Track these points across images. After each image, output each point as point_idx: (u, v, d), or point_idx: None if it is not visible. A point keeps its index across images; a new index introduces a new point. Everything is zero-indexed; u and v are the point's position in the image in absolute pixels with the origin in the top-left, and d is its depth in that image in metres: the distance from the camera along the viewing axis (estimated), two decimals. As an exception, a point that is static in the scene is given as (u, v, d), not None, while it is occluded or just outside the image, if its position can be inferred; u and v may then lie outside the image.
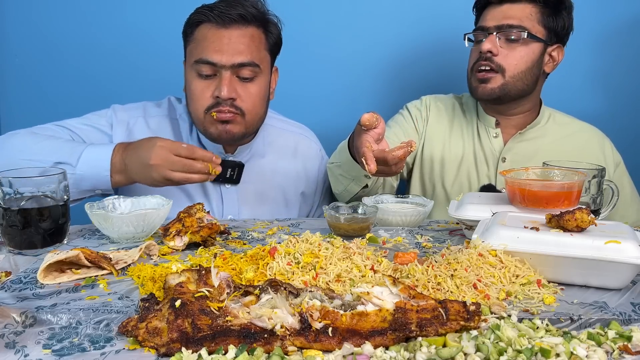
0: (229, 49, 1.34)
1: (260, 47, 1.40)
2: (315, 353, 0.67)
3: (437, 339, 0.68)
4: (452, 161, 1.65)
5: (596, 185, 1.17)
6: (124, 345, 0.70)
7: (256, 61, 1.38)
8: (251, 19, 1.37)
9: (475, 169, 1.63)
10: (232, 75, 1.36)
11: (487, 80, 1.52)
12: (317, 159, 1.65)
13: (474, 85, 1.56)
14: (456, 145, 1.65)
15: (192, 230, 1.08)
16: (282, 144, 1.61)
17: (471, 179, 1.63)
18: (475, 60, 1.54)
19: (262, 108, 1.45)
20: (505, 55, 1.50)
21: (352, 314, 0.71)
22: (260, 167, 1.56)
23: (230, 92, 1.35)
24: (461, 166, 1.64)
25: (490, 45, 1.50)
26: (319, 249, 0.92)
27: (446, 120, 1.68)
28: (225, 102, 1.36)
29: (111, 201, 1.21)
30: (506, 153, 1.61)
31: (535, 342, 0.66)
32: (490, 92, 1.52)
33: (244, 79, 1.38)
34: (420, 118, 1.69)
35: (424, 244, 1.13)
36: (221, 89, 1.34)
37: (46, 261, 0.90)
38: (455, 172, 1.64)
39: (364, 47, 2.05)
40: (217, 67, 1.35)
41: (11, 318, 0.75)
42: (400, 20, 2.03)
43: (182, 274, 0.84)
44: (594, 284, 0.88)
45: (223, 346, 0.67)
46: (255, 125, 1.46)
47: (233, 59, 1.35)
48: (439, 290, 0.84)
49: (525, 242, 0.90)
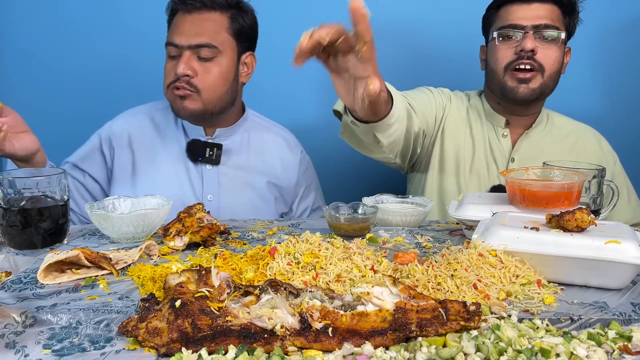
0: (190, 31, 1.49)
1: (222, 31, 1.51)
2: (316, 353, 0.67)
3: (437, 339, 0.68)
4: (466, 161, 1.63)
5: (596, 186, 1.17)
6: (124, 345, 0.70)
7: (214, 43, 1.49)
8: (214, 5, 1.51)
9: (487, 168, 1.62)
10: (191, 54, 1.49)
11: (528, 80, 1.50)
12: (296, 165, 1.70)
13: (511, 85, 1.52)
14: (469, 145, 1.64)
15: (192, 231, 1.08)
16: (266, 139, 1.68)
17: (481, 179, 1.62)
18: (512, 59, 1.50)
19: (223, 87, 1.54)
20: (545, 54, 1.49)
21: (352, 314, 0.71)
22: (242, 156, 1.63)
23: (185, 69, 1.47)
24: (473, 166, 1.63)
25: (533, 43, 1.47)
26: (319, 249, 0.92)
27: (463, 118, 1.66)
28: (182, 78, 1.48)
29: (111, 201, 1.21)
30: (515, 153, 1.61)
31: (536, 342, 0.66)
32: (532, 92, 1.51)
33: (203, 59, 1.49)
34: (441, 108, 1.65)
35: (424, 244, 1.13)
36: (178, 65, 1.48)
37: (46, 261, 0.90)
38: (469, 172, 1.63)
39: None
40: (179, 48, 1.49)
41: (11, 318, 0.75)
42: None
43: (182, 274, 0.84)
44: (594, 284, 0.88)
45: (223, 346, 0.67)
46: (216, 104, 1.54)
47: (191, 40, 1.48)
48: (439, 290, 0.84)
49: (525, 242, 0.90)
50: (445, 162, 1.64)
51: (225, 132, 1.62)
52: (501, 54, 1.53)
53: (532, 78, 1.50)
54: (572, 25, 1.54)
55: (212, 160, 1.58)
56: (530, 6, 1.50)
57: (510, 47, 1.51)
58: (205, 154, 1.57)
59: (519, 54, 1.49)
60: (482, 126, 1.65)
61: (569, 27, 1.54)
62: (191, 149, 1.57)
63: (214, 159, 1.57)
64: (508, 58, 1.52)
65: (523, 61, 1.49)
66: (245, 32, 1.57)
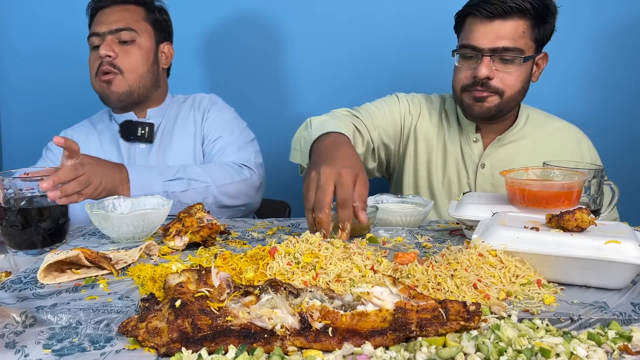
0: (109, 20, 1.62)
1: (139, 19, 1.65)
2: (316, 353, 0.67)
3: (437, 339, 0.68)
4: (438, 167, 1.61)
5: (596, 185, 1.17)
6: (124, 345, 0.70)
7: (132, 27, 1.61)
8: (130, 0, 1.65)
9: (457, 175, 1.60)
10: (112, 39, 1.60)
11: (483, 99, 1.47)
12: (210, 102, 1.76)
13: (468, 102, 1.50)
14: (440, 150, 1.62)
15: (192, 230, 1.08)
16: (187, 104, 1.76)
17: (452, 186, 1.61)
18: (468, 82, 1.47)
19: (144, 67, 1.64)
20: (502, 78, 1.45)
21: (352, 314, 0.71)
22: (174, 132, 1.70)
23: (108, 49, 1.58)
24: (445, 172, 1.61)
25: (487, 70, 1.43)
26: (319, 249, 0.92)
27: (435, 124, 1.63)
28: (105, 60, 1.58)
29: (111, 201, 1.21)
30: (485, 159, 1.58)
31: (535, 342, 0.66)
32: (487, 110, 1.48)
33: (123, 42, 1.61)
34: (408, 114, 1.64)
35: (424, 244, 1.13)
36: (100, 49, 1.58)
37: (46, 261, 0.90)
38: (442, 178, 1.62)
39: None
40: (101, 36, 1.60)
41: (11, 318, 0.75)
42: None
43: (182, 274, 0.84)
44: (594, 284, 0.88)
45: (223, 346, 0.67)
46: (140, 84, 1.63)
47: (111, 25, 1.60)
48: (439, 290, 0.84)
49: (525, 242, 0.90)
50: (418, 166, 1.63)
51: (156, 111, 1.71)
52: (459, 75, 1.50)
53: (488, 97, 1.46)
54: (545, 31, 1.46)
55: (145, 139, 1.66)
56: (492, 24, 1.42)
57: (469, 67, 1.47)
58: (138, 133, 1.65)
59: (475, 78, 1.45)
60: (455, 130, 1.62)
61: (542, 35, 1.46)
62: (124, 128, 1.66)
63: (147, 137, 1.65)
64: (464, 80, 1.49)
65: (477, 88, 1.45)
66: (161, 23, 1.71)
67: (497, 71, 1.45)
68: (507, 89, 1.46)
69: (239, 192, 1.54)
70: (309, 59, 2.12)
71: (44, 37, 2.10)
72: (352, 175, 1.06)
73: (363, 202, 1.06)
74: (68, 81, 2.11)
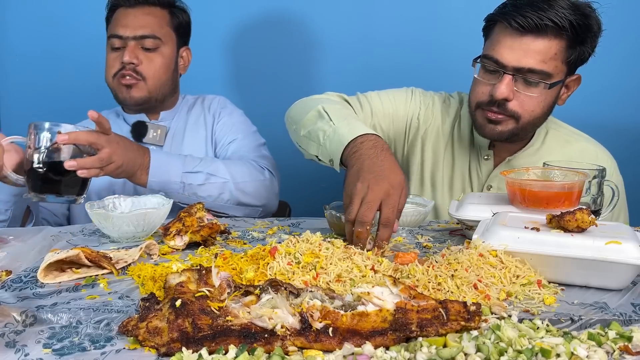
0: (134, 24, 1.59)
1: (163, 24, 1.63)
2: (316, 353, 0.67)
3: (438, 339, 0.68)
4: (444, 180, 1.52)
5: (597, 186, 1.17)
6: (124, 344, 0.70)
7: (157, 34, 1.61)
8: (155, 1, 1.62)
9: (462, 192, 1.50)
10: (136, 45, 1.59)
11: (497, 122, 1.33)
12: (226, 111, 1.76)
13: (480, 122, 1.37)
14: (448, 168, 1.51)
15: (192, 230, 1.08)
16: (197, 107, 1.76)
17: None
18: (484, 100, 1.34)
19: (165, 75, 1.65)
20: (521, 101, 1.30)
21: (352, 314, 0.71)
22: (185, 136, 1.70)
23: (132, 57, 1.57)
24: (452, 188, 1.52)
25: (507, 91, 1.28)
26: (320, 249, 0.92)
27: (446, 133, 1.52)
28: (128, 67, 1.58)
29: (111, 200, 1.21)
30: (492, 181, 1.47)
31: (536, 343, 0.66)
32: (500, 134, 1.35)
33: (147, 49, 1.60)
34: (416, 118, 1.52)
35: (424, 244, 1.13)
36: (124, 54, 1.57)
37: (46, 260, 0.90)
38: (448, 194, 1.52)
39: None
40: (124, 39, 1.58)
41: (11, 317, 0.75)
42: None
43: (183, 273, 0.84)
44: (595, 285, 0.88)
45: (223, 346, 0.67)
46: (159, 91, 1.64)
47: (135, 31, 1.58)
48: (439, 290, 0.84)
49: (525, 243, 0.90)
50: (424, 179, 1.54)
51: (168, 114, 1.72)
52: (477, 89, 1.36)
53: (503, 121, 1.33)
54: (583, 52, 1.31)
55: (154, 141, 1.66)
56: (521, 39, 1.27)
57: (488, 83, 1.33)
58: (150, 135, 1.65)
59: (490, 97, 1.32)
60: (466, 142, 1.49)
61: (578, 56, 1.31)
62: (136, 129, 1.65)
63: (158, 139, 1.66)
64: (480, 96, 1.35)
65: (492, 108, 1.32)
66: (183, 26, 1.70)
67: (518, 92, 1.30)
68: (524, 114, 1.32)
69: (256, 191, 1.54)
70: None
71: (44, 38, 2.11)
72: (400, 194, 1.04)
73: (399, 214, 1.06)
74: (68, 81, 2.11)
